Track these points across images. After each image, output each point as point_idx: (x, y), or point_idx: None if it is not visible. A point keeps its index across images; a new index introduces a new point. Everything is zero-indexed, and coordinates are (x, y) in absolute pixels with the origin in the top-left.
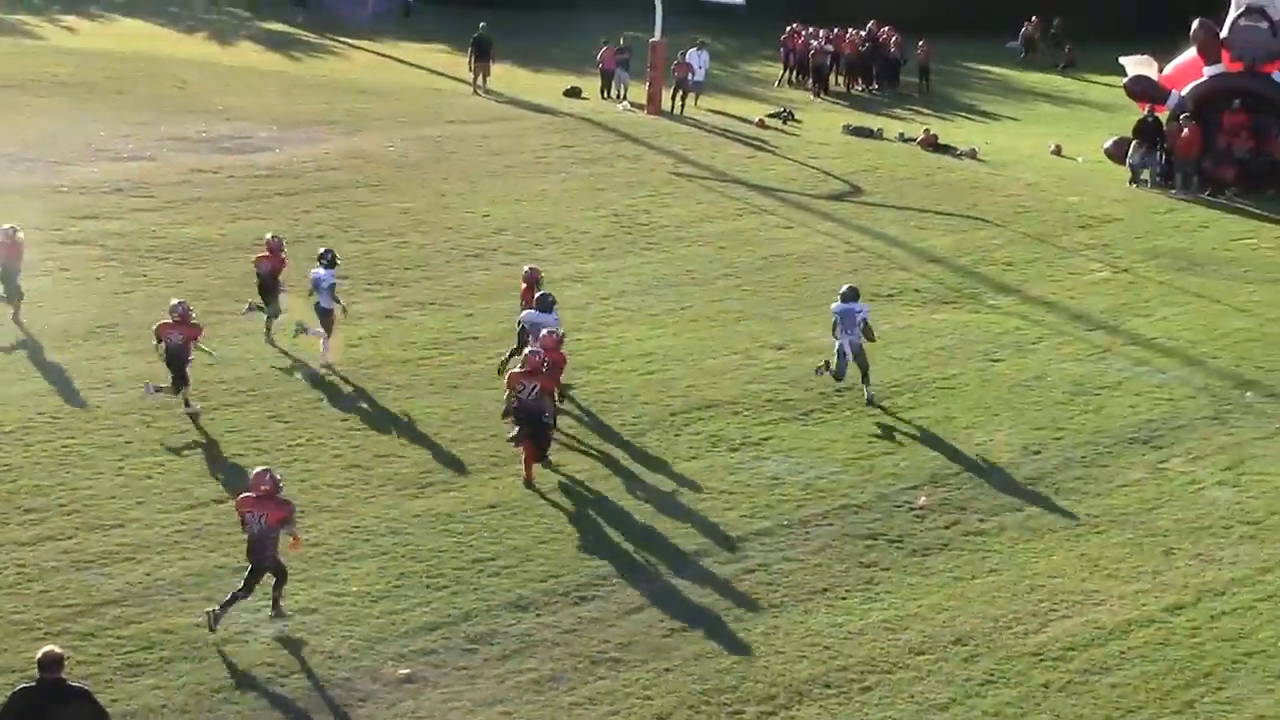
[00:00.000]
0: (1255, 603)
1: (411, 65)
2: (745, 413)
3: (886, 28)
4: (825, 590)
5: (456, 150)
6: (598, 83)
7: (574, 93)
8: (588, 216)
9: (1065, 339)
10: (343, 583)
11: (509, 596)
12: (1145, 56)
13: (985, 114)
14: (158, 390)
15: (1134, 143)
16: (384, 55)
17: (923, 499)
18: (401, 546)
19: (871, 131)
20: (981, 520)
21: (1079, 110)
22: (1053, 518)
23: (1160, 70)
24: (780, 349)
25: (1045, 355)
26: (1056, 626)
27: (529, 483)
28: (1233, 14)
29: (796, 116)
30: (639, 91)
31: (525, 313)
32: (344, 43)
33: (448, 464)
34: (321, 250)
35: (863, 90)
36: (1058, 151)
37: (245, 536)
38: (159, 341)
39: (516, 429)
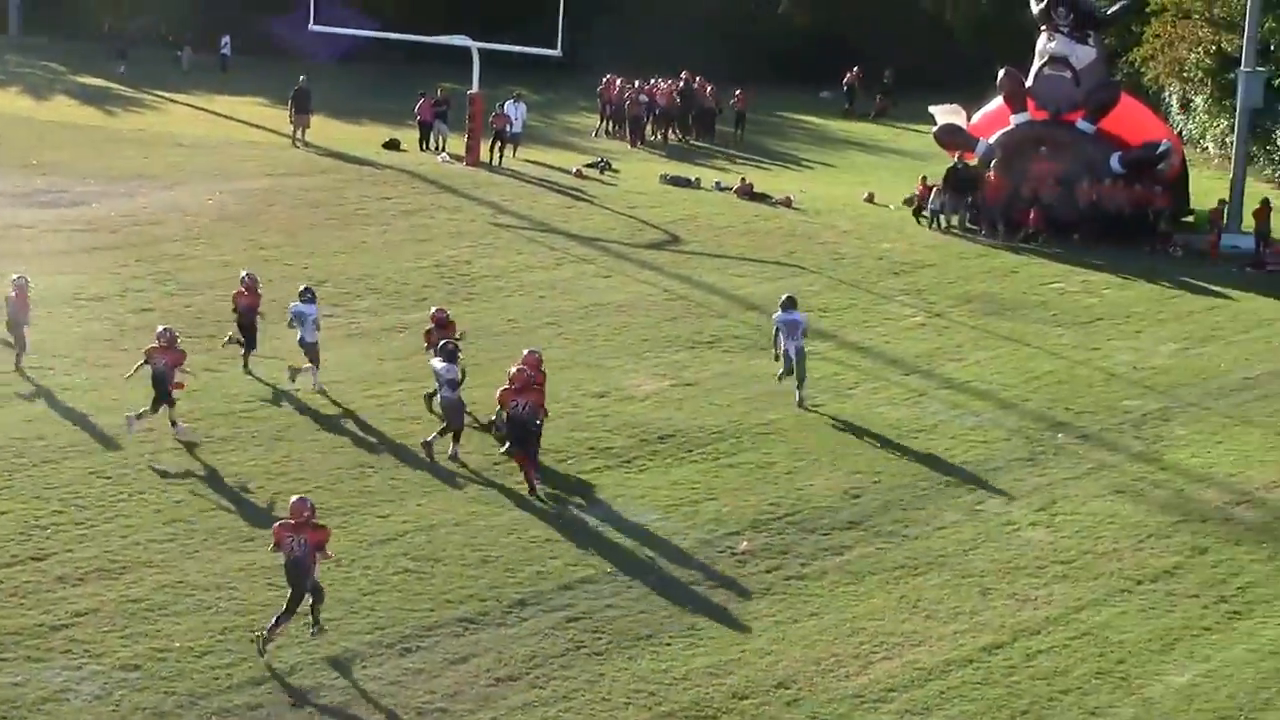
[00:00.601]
0: (1069, 641)
1: (228, 118)
2: (568, 461)
3: (699, 78)
4: (649, 636)
5: (275, 203)
6: (416, 134)
7: (393, 145)
8: (409, 267)
9: (882, 383)
10: (166, 638)
11: (334, 649)
12: (954, 105)
13: (801, 162)
14: (138, 418)
15: (935, 189)
16: (200, 109)
17: (744, 544)
18: (225, 600)
19: (688, 181)
20: (803, 564)
21: (891, 159)
22: (872, 560)
23: (969, 119)
24: (602, 396)
25: (863, 400)
26: (878, 668)
27: (533, 490)
28: (1037, 64)
29: (614, 166)
30: (458, 143)
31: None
32: (161, 96)
33: (271, 518)
34: (303, 288)
35: (679, 140)
36: (871, 199)
37: (283, 561)
38: (145, 363)
39: (508, 443)
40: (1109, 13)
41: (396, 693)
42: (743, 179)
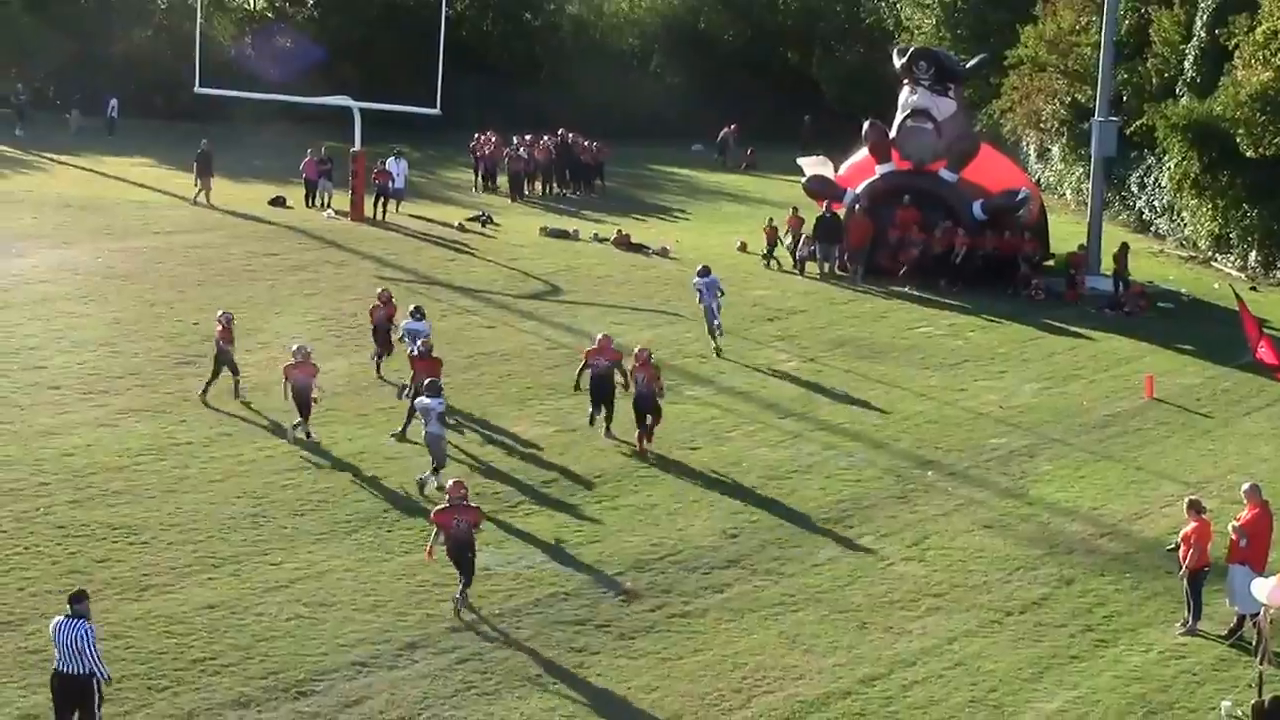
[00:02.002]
0: (944, 671)
1: (117, 179)
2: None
3: (574, 133)
4: (538, 676)
5: (164, 260)
6: (302, 192)
7: (279, 202)
8: (296, 321)
9: (759, 426)
10: None
11: (230, 695)
12: (821, 157)
13: (675, 214)
14: (295, 427)
15: (806, 238)
16: (89, 170)
17: (628, 584)
18: (122, 649)
19: (567, 233)
20: (685, 602)
21: (761, 208)
22: (752, 597)
23: (836, 170)
24: (487, 444)
25: (741, 442)
26: (760, 702)
27: (644, 453)
28: (900, 116)
29: (495, 220)
30: (342, 199)
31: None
32: (49, 158)
33: (166, 567)
34: (413, 307)
35: (560, 193)
36: (743, 248)
37: (445, 543)
38: (285, 380)
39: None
40: (968, 66)
41: None
42: (619, 230)
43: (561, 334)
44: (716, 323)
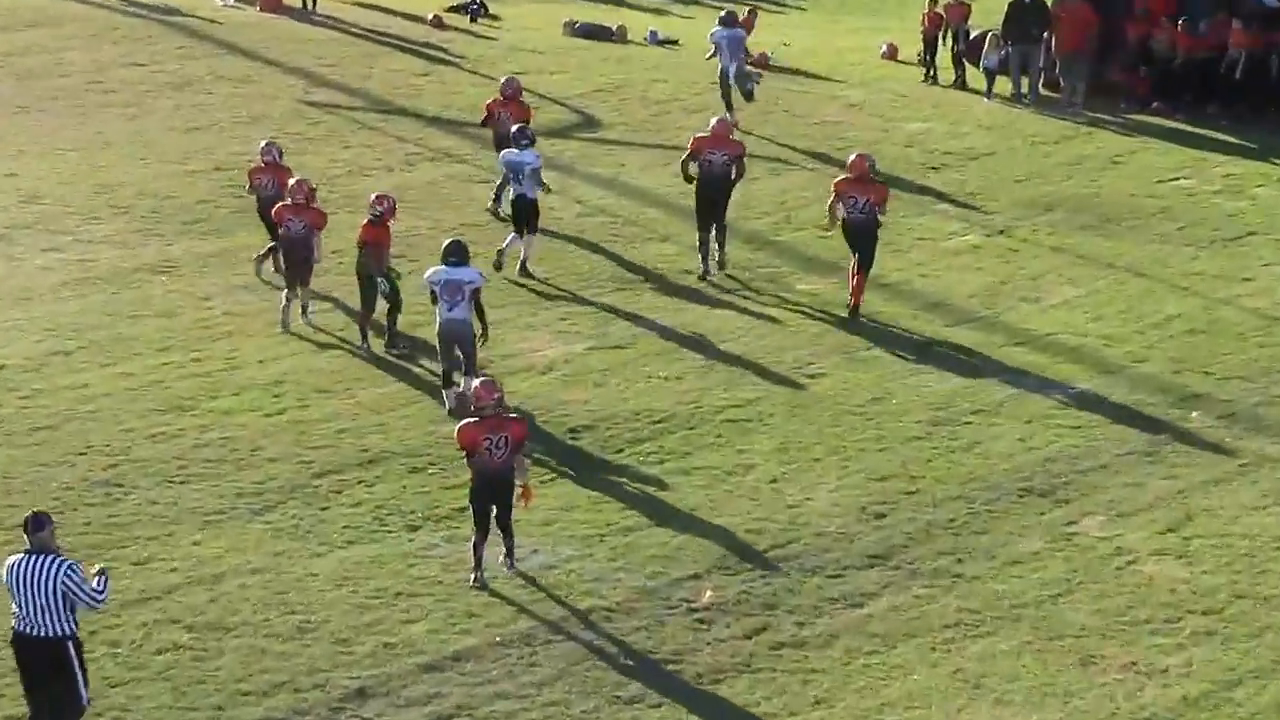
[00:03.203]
0: None
1: None
2: (432, 469)
3: None
4: None
5: None
6: None
7: None
8: (174, 172)
9: (918, 339)
10: None
11: None
12: None
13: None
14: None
15: (991, 36)
16: None
17: (707, 594)
18: None
19: (608, 31)
20: (799, 624)
21: None
22: (909, 616)
23: None
24: (483, 369)
25: (887, 366)
26: None
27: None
28: None
29: (490, 10)
30: None
31: (504, 153)
32: None
33: None
34: (516, 128)
35: None
36: (892, 54)
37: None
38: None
39: None
40: None
41: None
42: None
43: (599, 193)
44: (740, 84)
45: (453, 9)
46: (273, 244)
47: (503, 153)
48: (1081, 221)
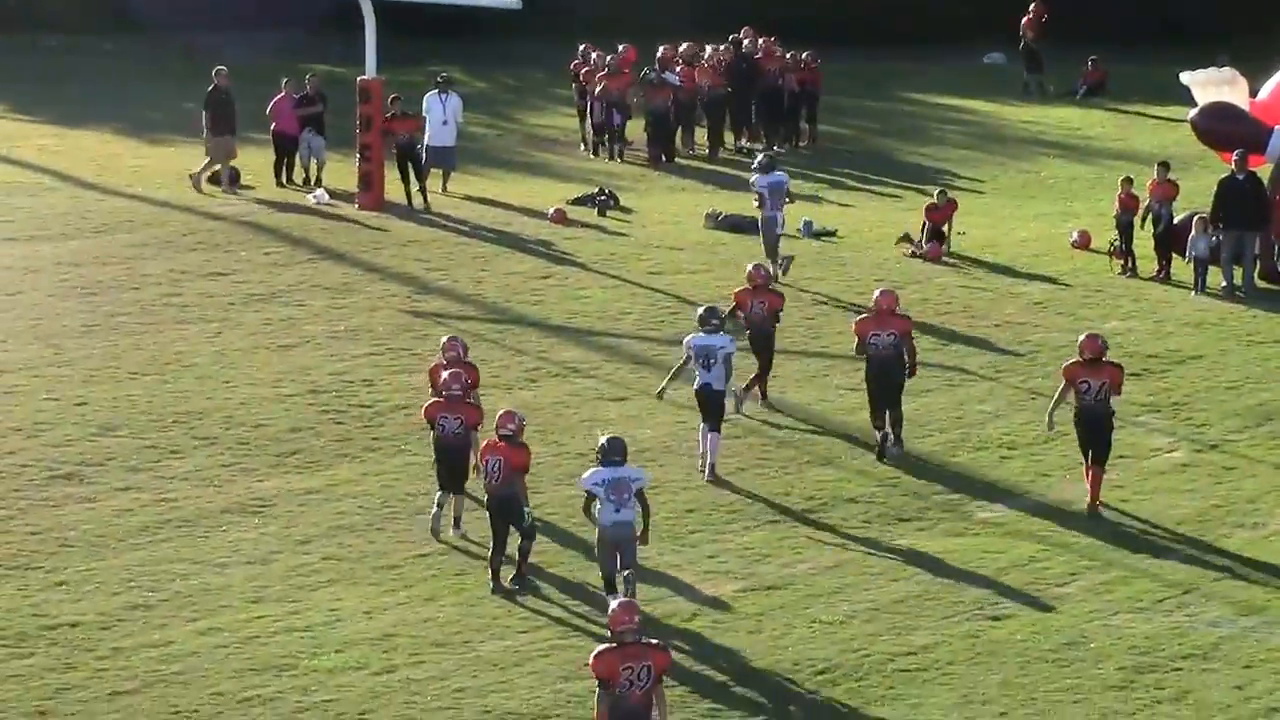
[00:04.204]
0: None
1: None
2: None
3: (761, 38)
4: None
5: (22, 287)
6: (271, 157)
7: (228, 178)
8: (266, 398)
9: (1117, 573)
10: None
11: None
12: (1226, 69)
13: (952, 180)
14: None
15: (1198, 220)
16: None
17: None
18: None
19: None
20: None
21: (1113, 168)
22: None
23: (1252, 94)
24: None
25: (1082, 603)
26: None
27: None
28: None
29: (621, 202)
30: (343, 171)
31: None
32: None
33: None
34: (703, 309)
35: (741, 146)
36: (1084, 243)
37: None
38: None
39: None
40: None
41: None
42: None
43: (751, 410)
44: (779, 241)
45: (578, 201)
46: None
47: (690, 337)
48: None
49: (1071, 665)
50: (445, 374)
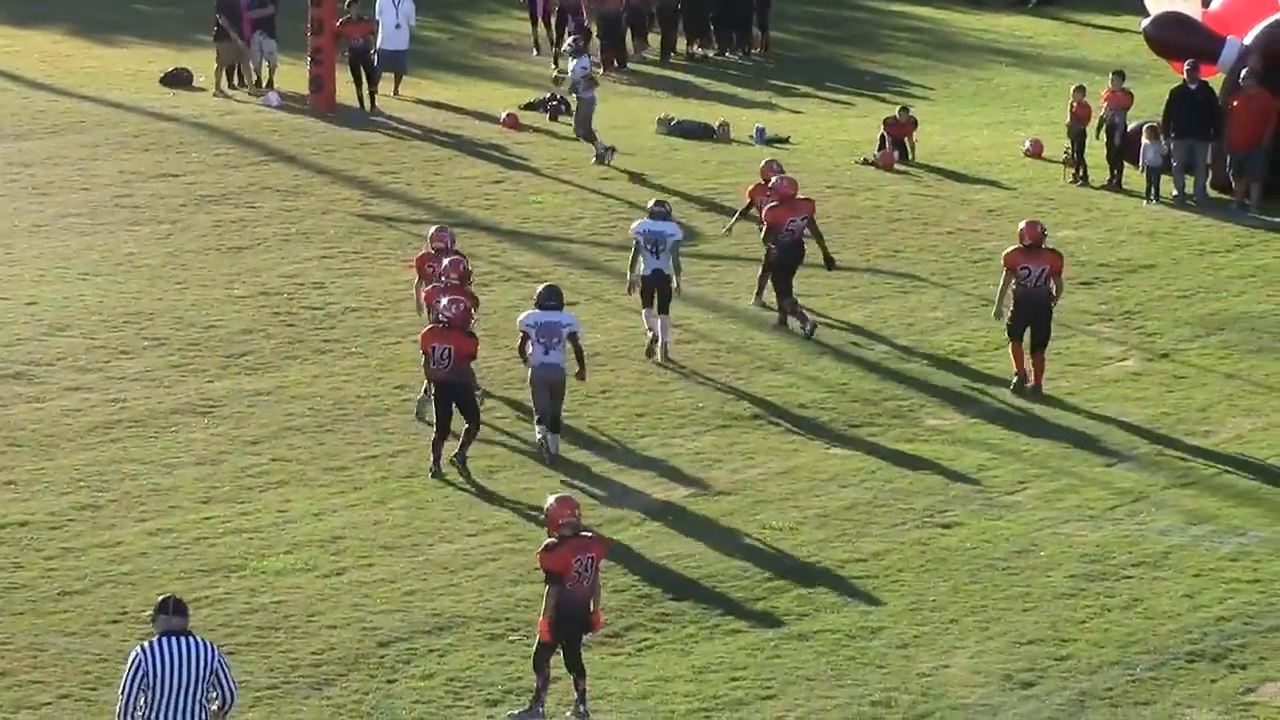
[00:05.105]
0: None
1: None
2: (513, 635)
3: None
4: None
5: None
6: (217, 59)
7: (178, 79)
8: (217, 300)
9: (1067, 481)
10: None
11: None
12: None
13: (905, 88)
14: None
15: (1148, 128)
16: None
17: None
18: None
19: (708, 128)
20: None
21: (1064, 77)
22: None
23: (1204, 4)
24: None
25: (1032, 511)
26: None
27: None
28: None
29: (572, 106)
30: (295, 73)
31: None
32: None
33: None
34: (653, 201)
35: (693, 51)
36: (1036, 152)
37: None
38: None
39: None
40: None
41: None
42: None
43: (701, 316)
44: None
45: (529, 106)
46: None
47: (637, 224)
48: (1258, 343)
49: (1021, 573)
50: (445, 261)
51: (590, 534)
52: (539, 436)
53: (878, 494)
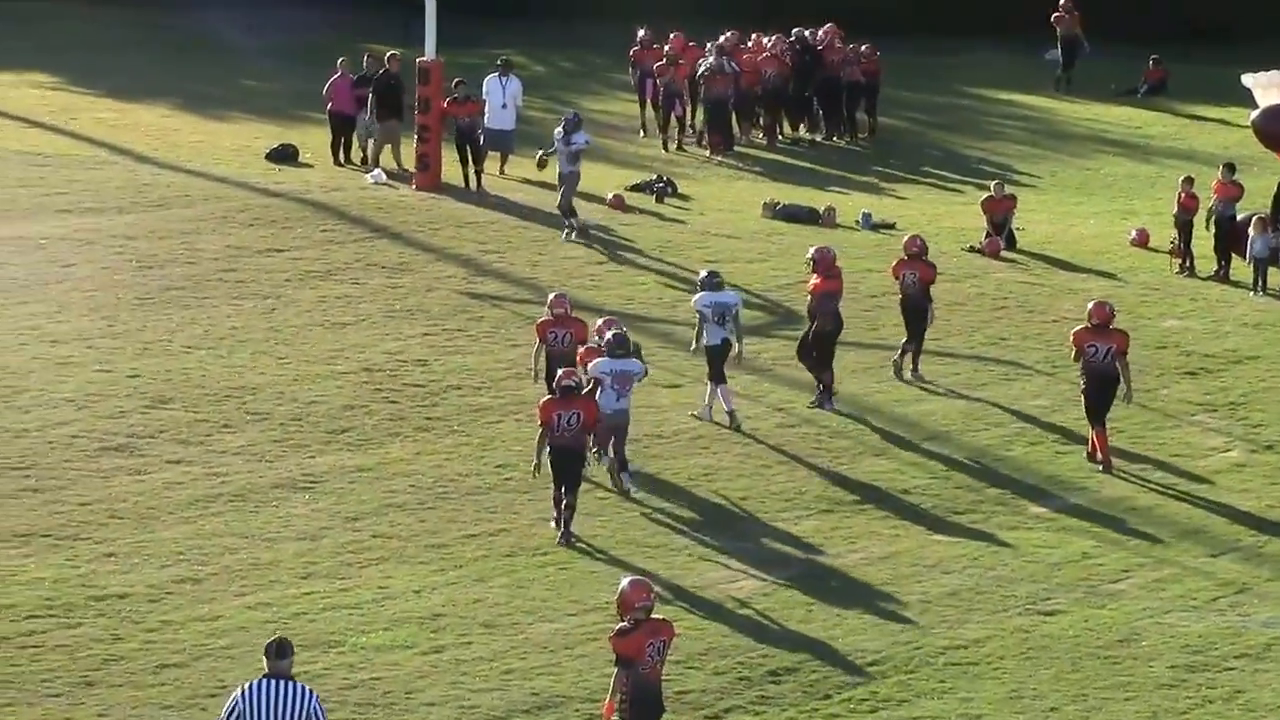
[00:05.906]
0: None
1: None
2: None
3: (823, 30)
4: None
5: (77, 260)
6: (327, 137)
7: (284, 154)
8: (320, 375)
9: (1170, 571)
10: None
11: None
12: None
13: (1010, 176)
14: None
15: (1257, 220)
16: None
17: None
18: None
19: (814, 213)
20: None
21: (1171, 167)
22: None
23: None
24: (687, 621)
25: (1135, 600)
26: None
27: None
28: None
29: (679, 189)
30: (401, 152)
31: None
32: None
33: None
34: (705, 272)
35: (800, 137)
36: (1142, 241)
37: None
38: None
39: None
40: None
41: None
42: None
43: (806, 401)
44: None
45: (635, 188)
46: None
47: (699, 296)
48: None
49: (1123, 662)
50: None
51: (661, 617)
52: (624, 483)
53: (980, 580)
